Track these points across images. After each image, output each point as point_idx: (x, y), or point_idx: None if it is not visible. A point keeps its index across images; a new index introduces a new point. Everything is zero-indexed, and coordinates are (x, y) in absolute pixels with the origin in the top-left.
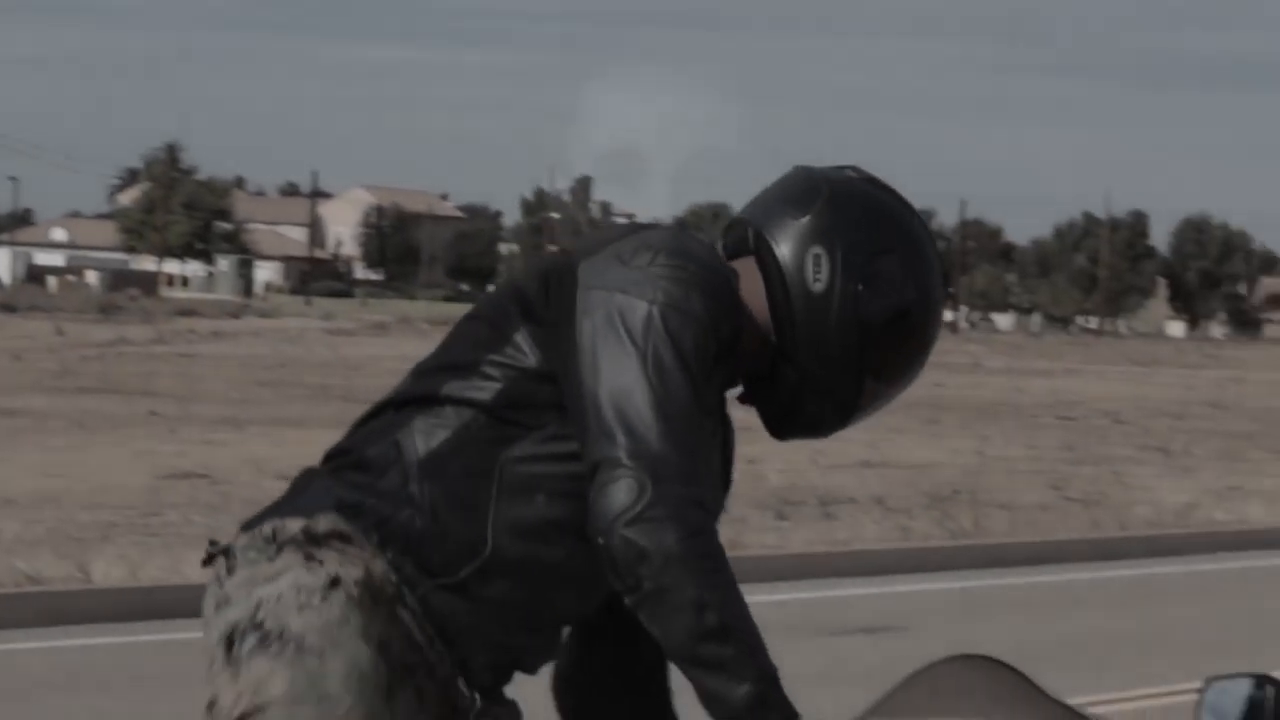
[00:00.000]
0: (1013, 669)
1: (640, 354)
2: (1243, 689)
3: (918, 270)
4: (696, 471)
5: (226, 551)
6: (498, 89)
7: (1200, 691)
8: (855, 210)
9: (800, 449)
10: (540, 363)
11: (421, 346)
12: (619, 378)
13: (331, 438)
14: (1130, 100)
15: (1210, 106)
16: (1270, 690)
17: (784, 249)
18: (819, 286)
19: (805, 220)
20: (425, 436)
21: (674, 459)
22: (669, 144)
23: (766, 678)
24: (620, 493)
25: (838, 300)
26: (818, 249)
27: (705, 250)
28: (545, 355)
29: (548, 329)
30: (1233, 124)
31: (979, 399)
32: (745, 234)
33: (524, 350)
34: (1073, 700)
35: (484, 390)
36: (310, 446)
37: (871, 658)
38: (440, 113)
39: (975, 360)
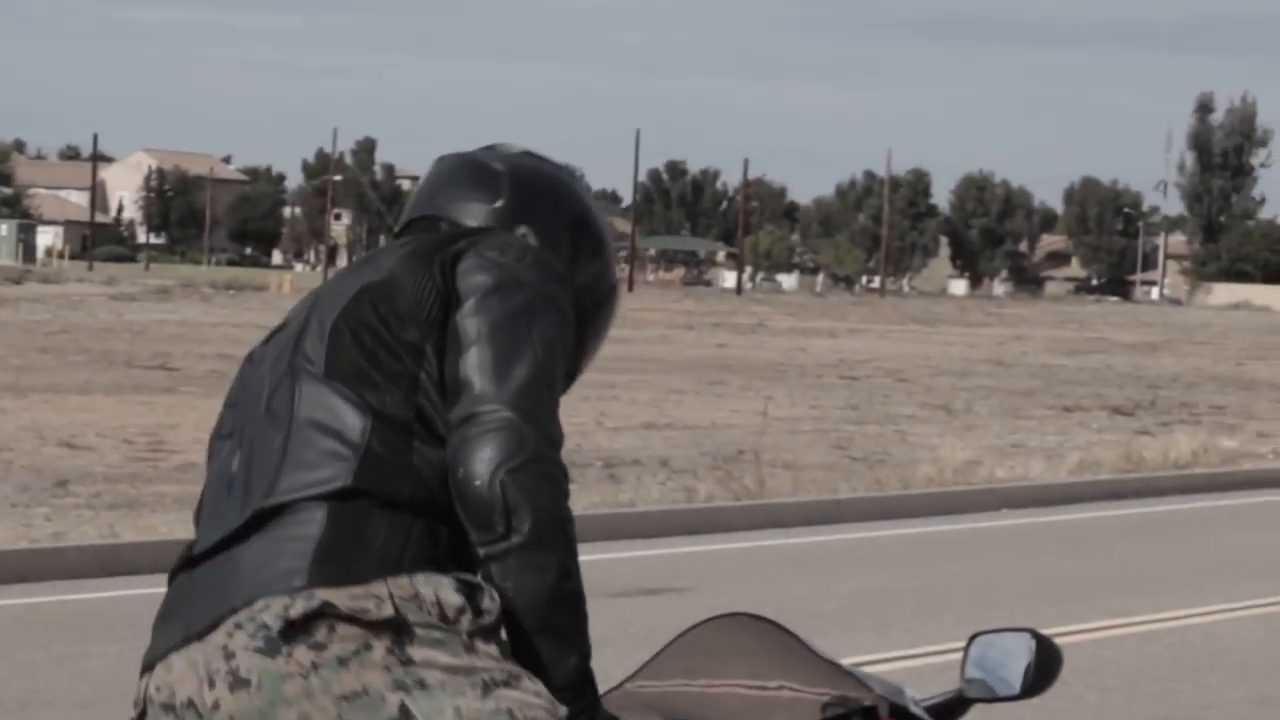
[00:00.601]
0: (780, 626)
1: (526, 322)
2: (1005, 642)
3: (601, 229)
4: (562, 440)
5: (343, 617)
6: (279, 51)
7: (965, 646)
8: (538, 185)
9: (586, 411)
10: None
11: (206, 311)
12: (505, 342)
13: (114, 404)
14: (911, 58)
15: (991, 64)
16: (1030, 641)
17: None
18: None
19: (501, 205)
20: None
21: (552, 424)
22: (453, 105)
23: (589, 654)
24: (504, 441)
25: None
26: (523, 229)
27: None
28: (444, 410)
29: (440, 353)
30: (1013, 82)
31: (763, 359)
32: (437, 228)
33: (430, 397)
34: (854, 659)
35: (433, 465)
36: (93, 413)
37: (653, 618)
38: (221, 75)
39: (759, 321)
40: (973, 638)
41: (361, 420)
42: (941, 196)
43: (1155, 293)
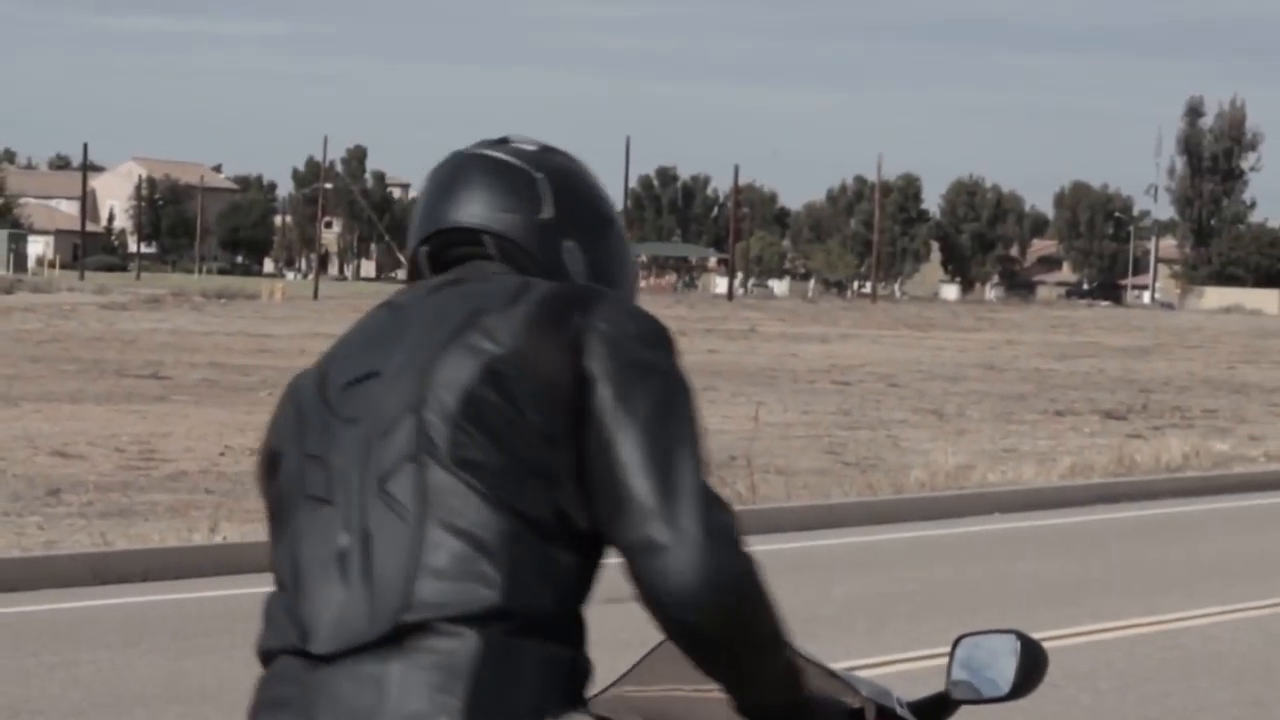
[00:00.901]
0: None
1: (673, 412)
2: (991, 643)
3: (619, 222)
4: (734, 520)
5: None
6: (268, 59)
7: (951, 648)
8: (579, 193)
9: None
10: (584, 522)
11: (197, 319)
12: (662, 443)
13: (106, 413)
14: (901, 63)
15: (981, 69)
16: (1015, 642)
17: (541, 253)
18: (581, 279)
19: (546, 219)
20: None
21: (724, 519)
22: (445, 113)
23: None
24: (699, 573)
25: (597, 281)
26: (570, 243)
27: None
28: (583, 502)
29: (579, 443)
30: (1003, 86)
31: (754, 365)
32: (476, 240)
33: (568, 491)
34: (848, 663)
35: (566, 566)
36: (84, 422)
37: (645, 625)
38: (212, 84)
39: (751, 326)
40: (959, 639)
41: (500, 523)
42: (933, 201)
43: (1146, 297)
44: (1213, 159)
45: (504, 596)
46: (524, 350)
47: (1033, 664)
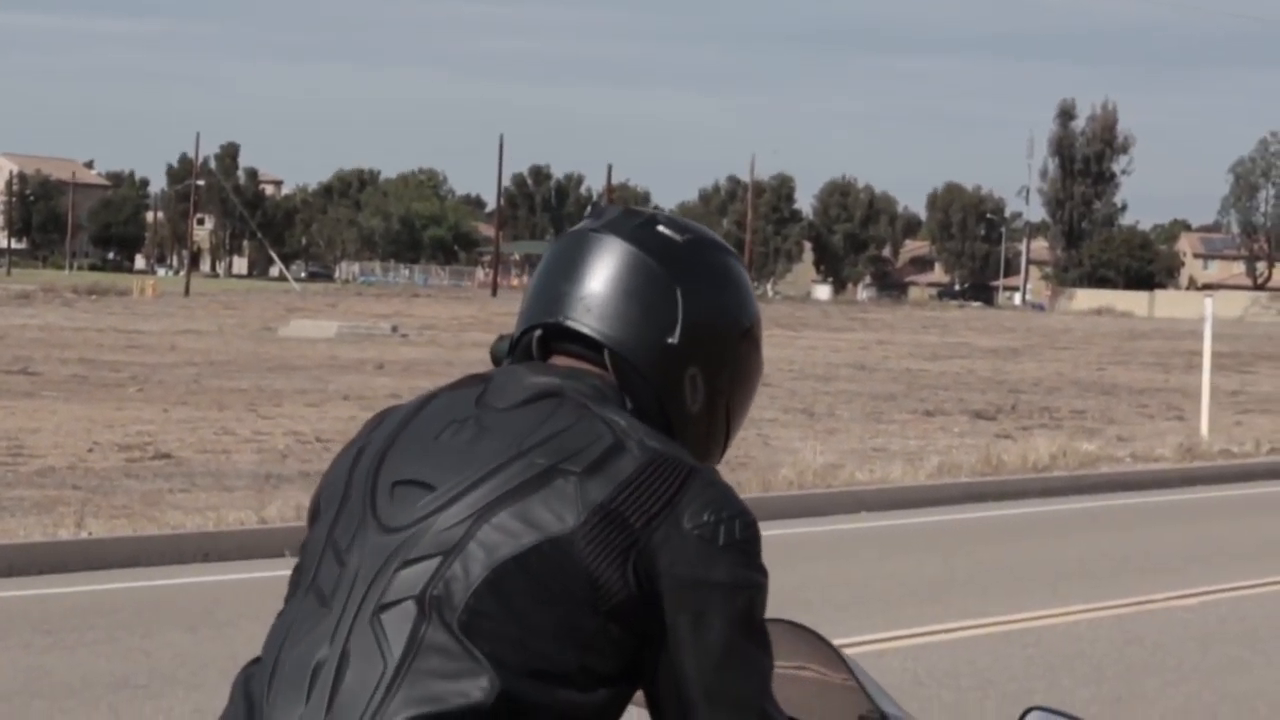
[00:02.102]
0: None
1: (747, 630)
2: None
3: (759, 321)
4: None
5: None
6: (141, 56)
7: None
8: (713, 306)
9: None
10: (616, 669)
11: (68, 315)
12: (733, 662)
13: None
14: (775, 66)
15: (855, 72)
16: None
17: (658, 376)
18: (696, 408)
19: (674, 344)
20: None
21: None
22: (319, 112)
23: None
24: None
25: (713, 411)
26: (693, 370)
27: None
28: (621, 659)
29: (627, 627)
30: (876, 89)
31: None
32: (592, 343)
33: (605, 653)
34: None
35: (581, 705)
36: None
37: None
38: (84, 80)
39: None
40: (1028, 711)
41: (482, 693)
42: (805, 202)
43: (1018, 298)
44: (1084, 161)
45: None
46: (582, 543)
47: None
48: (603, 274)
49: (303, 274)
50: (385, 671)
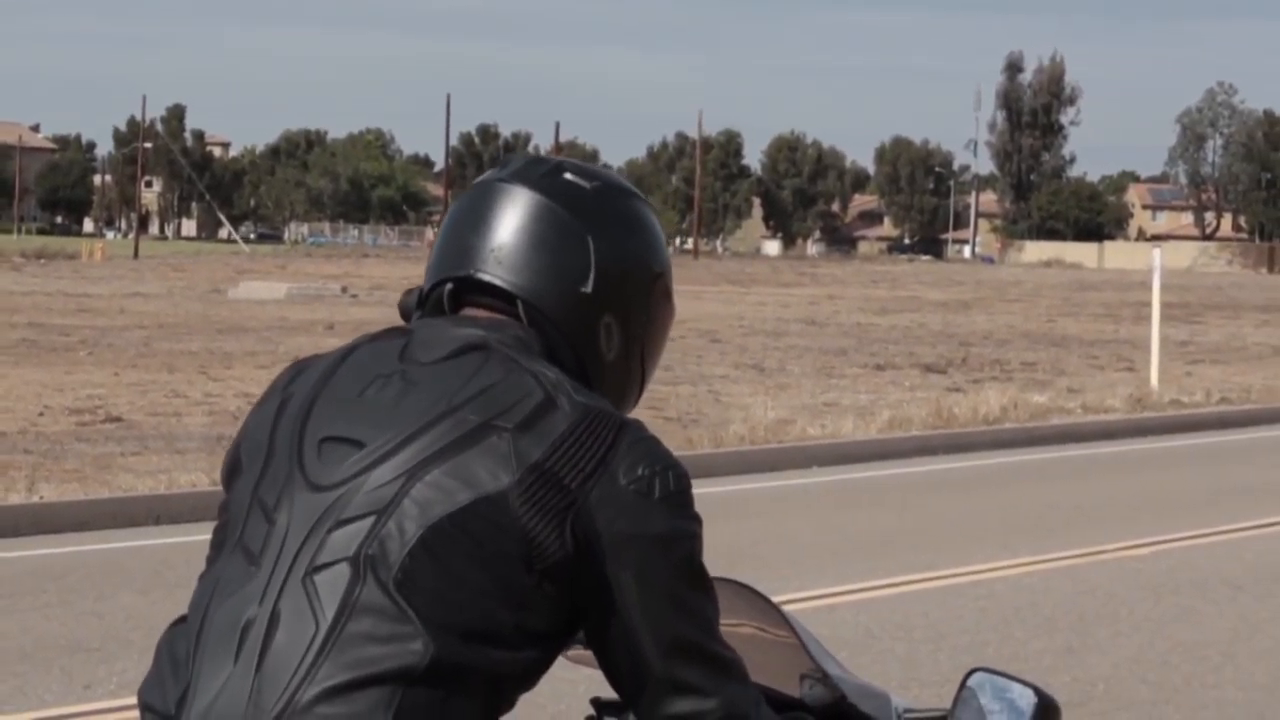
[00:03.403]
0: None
1: (690, 581)
2: (1007, 690)
3: (669, 266)
4: (741, 670)
5: None
6: (88, 19)
7: (964, 678)
8: (623, 251)
9: None
10: (548, 627)
11: (16, 280)
12: (672, 628)
13: None
14: (720, 21)
15: (802, 27)
16: (1033, 699)
17: (573, 325)
18: (611, 356)
19: (589, 292)
20: None
21: (738, 684)
22: (258, 70)
23: None
24: None
25: (628, 358)
26: (608, 318)
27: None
28: (554, 617)
29: (562, 585)
30: (823, 43)
31: None
32: (506, 295)
33: (539, 611)
34: None
35: (512, 664)
36: None
37: None
38: (29, 43)
39: None
40: (972, 671)
41: (414, 656)
42: (754, 157)
43: (967, 251)
44: (1032, 114)
45: None
46: (517, 501)
47: None
48: (512, 224)
49: (251, 235)
50: (317, 633)
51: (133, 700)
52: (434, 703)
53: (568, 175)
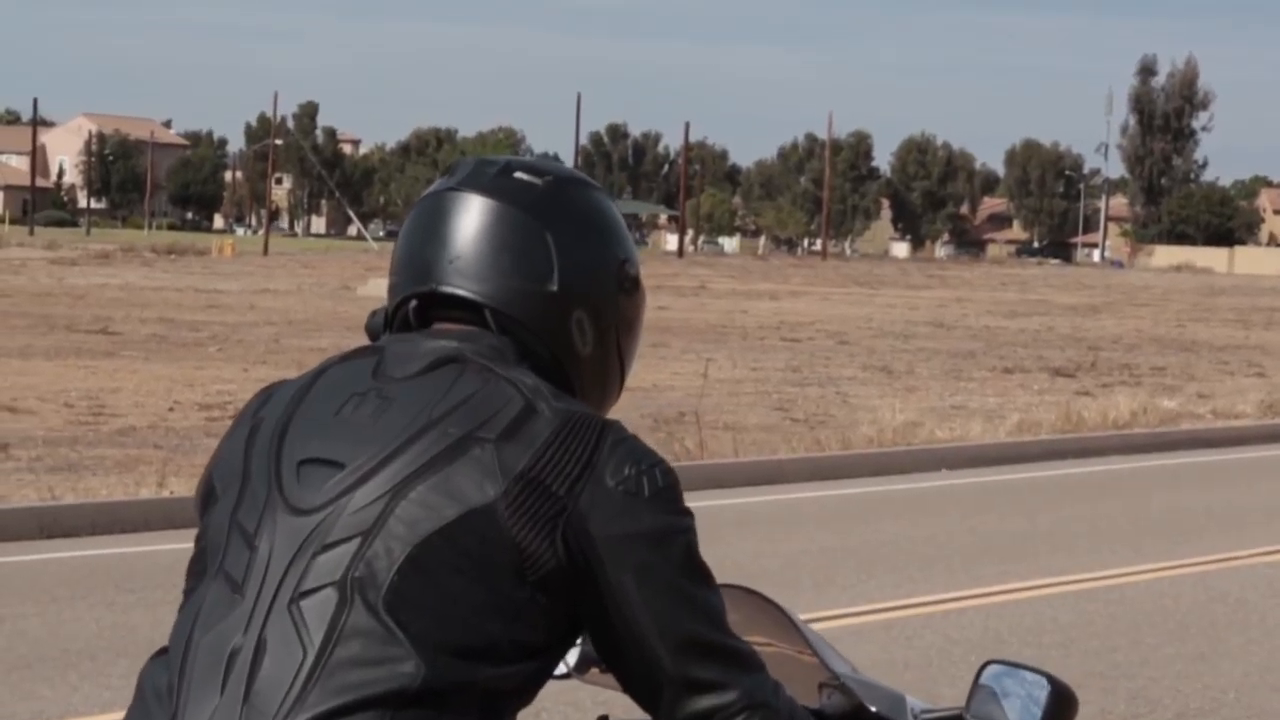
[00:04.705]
0: (775, 604)
1: (691, 575)
2: (1020, 680)
3: (634, 251)
4: (762, 663)
5: None
6: (221, 14)
7: (977, 672)
8: (585, 242)
9: None
10: (543, 640)
11: (147, 275)
12: (686, 612)
13: (55, 369)
14: (852, 21)
15: (933, 26)
16: (1046, 686)
17: (544, 326)
18: (587, 350)
19: (555, 291)
20: None
21: (755, 673)
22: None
23: None
24: None
25: (605, 350)
26: (578, 313)
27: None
28: (549, 630)
29: (556, 595)
30: (955, 44)
31: (704, 322)
32: (471, 304)
33: (534, 624)
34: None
35: (508, 679)
36: (34, 377)
37: None
38: (163, 39)
39: (701, 283)
40: (986, 664)
41: (404, 679)
42: (883, 159)
43: (1096, 255)
44: (1164, 118)
45: None
46: (506, 513)
47: (1061, 713)
48: (469, 232)
49: (381, 233)
50: (305, 660)
51: None
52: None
53: (518, 174)
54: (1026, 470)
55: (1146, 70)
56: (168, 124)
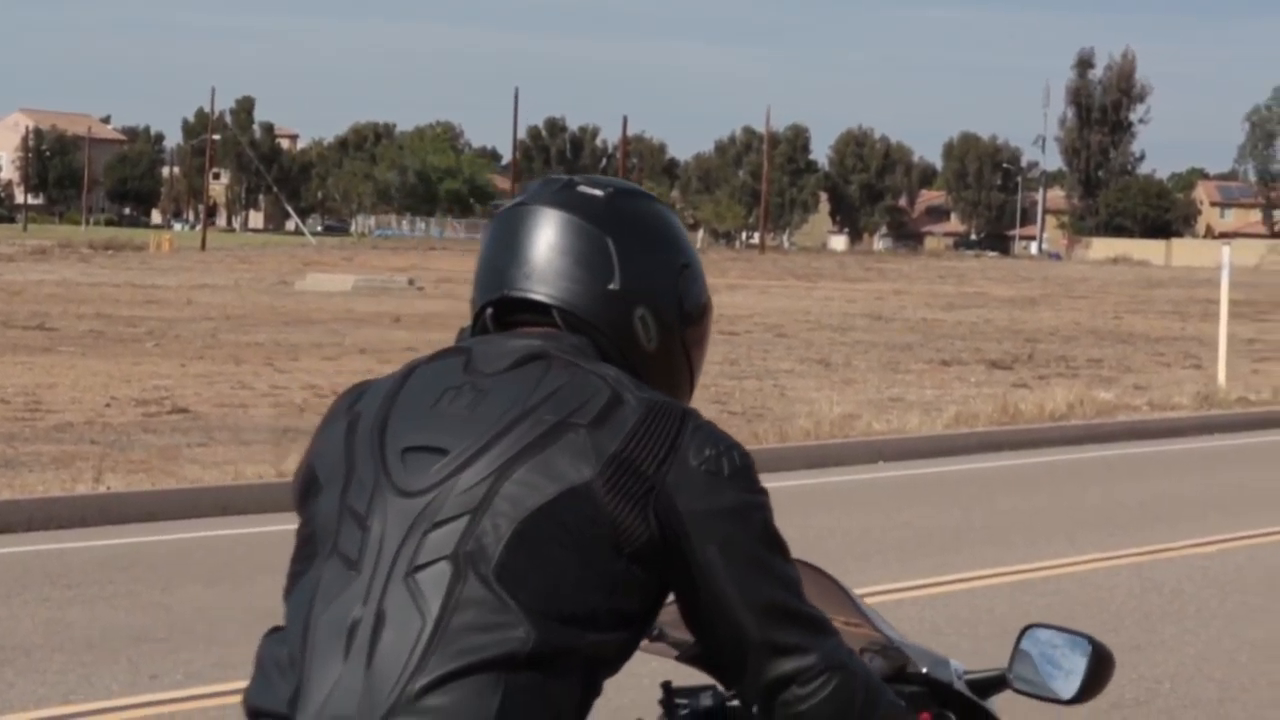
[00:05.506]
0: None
1: (770, 547)
2: (1061, 641)
3: (696, 258)
4: (836, 629)
5: None
6: (157, 10)
7: (1019, 635)
8: (649, 256)
9: None
10: (638, 609)
11: (84, 271)
12: (767, 581)
13: None
14: (790, 15)
15: (871, 21)
16: (1088, 647)
17: (610, 323)
18: (652, 346)
19: (616, 289)
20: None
21: (831, 637)
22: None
23: None
24: (840, 698)
25: (670, 348)
26: (640, 310)
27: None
28: (643, 599)
29: (649, 567)
30: (893, 38)
31: None
32: (544, 308)
33: (629, 594)
34: None
35: (606, 646)
36: None
37: None
38: (100, 35)
39: None
40: (1027, 628)
41: (516, 642)
42: (821, 152)
43: (1034, 247)
44: (1101, 111)
45: (499, 716)
46: (602, 490)
47: (1101, 673)
48: (537, 242)
49: (319, 228)
50: (424, 628)
51: (199, 690)
52: (536, 686)
53: (581, 188)
54: (963, 462)
55: (1084, 63)
56: (106, 120)
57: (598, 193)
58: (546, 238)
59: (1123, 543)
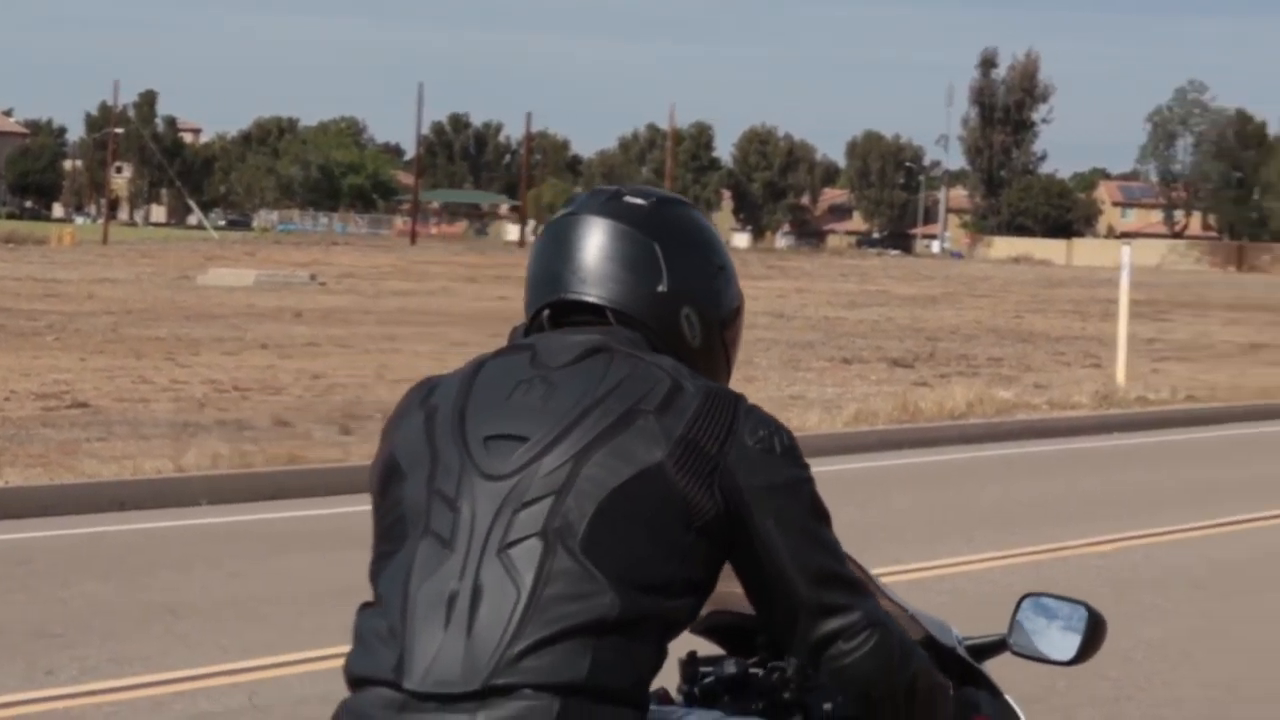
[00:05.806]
0: None
1: (817, 518)
2: (1058, 608)
3: (729, 259)
4: (873, 591)
5: None
6: (59, 3)
7: (1017, 603)
8: (693, 259)
9: (367, 363)
10: (703, 577)
11: None
12: (816, 547)
13: None
14: (695, 12)
15: (776, 19)
16: (1084, 613)
17: (659, 322)
18: (697, 343)
19: (664, 291)
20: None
21: (870, 598)
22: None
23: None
24: (880, 656)
25: (712, 344)
26: (686, 309)
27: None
28: (708, 569)
29: (714, 540)
30: (796, 36)
31: None
32: (597, 309)
33: (697, 564)
34: None
35: (677, 611)
36: None
37: None
38: (4, 26)
39: None
40: (1025, 597)
41: (605, 607)
42: (724, 150)
43: (936, 246)
44: (1004, 110)
45: (590, 675)
46: (673, 470)
47: (1096, 637)
48: (589, 248)
49: (221, 222)
50: (520, 598)
51: (95, 686)
52: (621, 648)
53: (627, 198)
54: (863, 460)
55: (987, 63)
56: (8, 112)
57: (643, 202)
58: (598, 244)
59: (1020, 541)
